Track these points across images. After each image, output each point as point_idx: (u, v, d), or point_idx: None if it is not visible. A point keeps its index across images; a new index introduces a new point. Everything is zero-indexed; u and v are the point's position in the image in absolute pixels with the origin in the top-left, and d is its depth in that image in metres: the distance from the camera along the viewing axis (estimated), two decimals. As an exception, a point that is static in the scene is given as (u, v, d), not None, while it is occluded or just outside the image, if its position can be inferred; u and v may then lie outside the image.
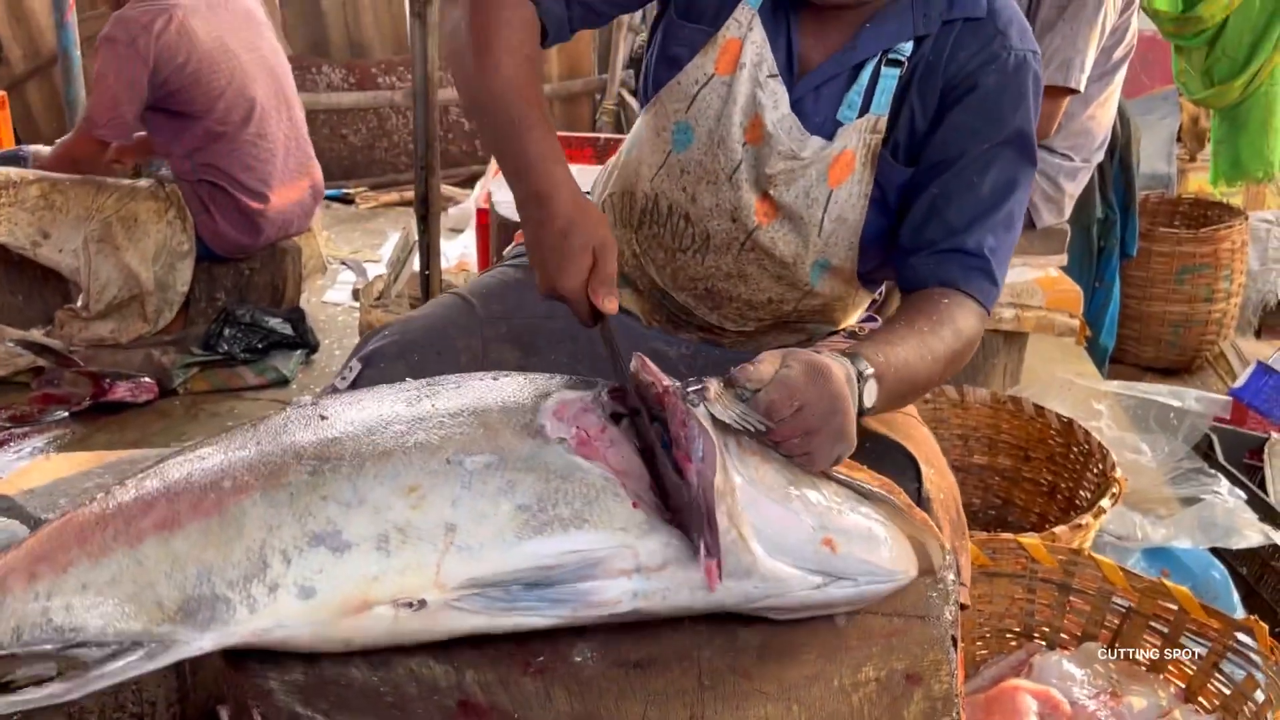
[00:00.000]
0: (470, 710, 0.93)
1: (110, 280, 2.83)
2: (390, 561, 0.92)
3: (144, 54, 2.69)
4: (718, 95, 1.33)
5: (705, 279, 1.42)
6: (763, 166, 1.33)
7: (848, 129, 1.30)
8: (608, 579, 0.95)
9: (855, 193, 1.33)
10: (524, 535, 0.94)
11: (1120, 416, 2.46)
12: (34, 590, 0.94)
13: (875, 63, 1.29)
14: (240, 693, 0.96)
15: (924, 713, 0.96)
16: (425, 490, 0.94)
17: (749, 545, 0.93)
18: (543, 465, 0.97)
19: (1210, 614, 1.56)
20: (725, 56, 1.32)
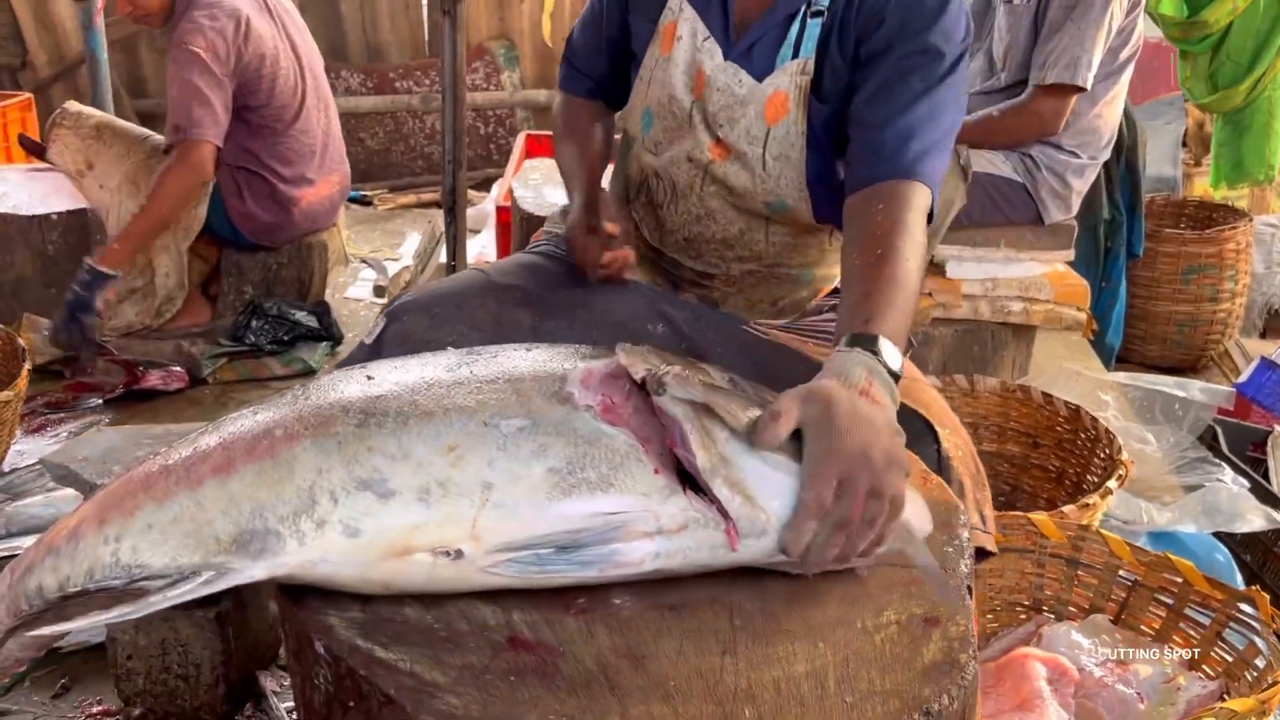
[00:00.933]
0: (519, 644, 1.00)
1: (125, 223, 2.90)
2: (430, 512, 0.98)
3: (224, 57, 2.75)
4: (663, 70, 1.53)
5: (682, 227, 1.58)
6: (708, 109, 1.50)
7: (779, 71, 1.45)
8: (631, 541, 1.00)
9: (792, 131, 1.46)
10: (554, 497, 0.99)
11: (1126, 408, 2.53)
12: (104, 534, 1.01)
13: (801, 14, 1.45)
14: (302, 628, 1.02)
15: (942, 650, 1.02)
16: (463, 450, 1.00)
17: (760, 505, 1.00)
18: (571, 430, 1.03)
19: (1213, 585, 1.62)
20: (665, 39, 1.53)
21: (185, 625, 1.63)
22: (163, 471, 1.05)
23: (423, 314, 1.48)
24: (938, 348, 2.56)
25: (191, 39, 2.75)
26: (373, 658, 0.97)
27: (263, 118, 2.91)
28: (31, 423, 2.60)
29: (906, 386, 1.44)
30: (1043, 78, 2.43)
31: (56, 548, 1.02)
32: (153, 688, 1.67)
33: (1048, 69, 2.41)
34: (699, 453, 0.99)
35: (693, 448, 1.00)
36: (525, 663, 0.98)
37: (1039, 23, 2.46)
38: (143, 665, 1.67)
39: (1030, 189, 2.56)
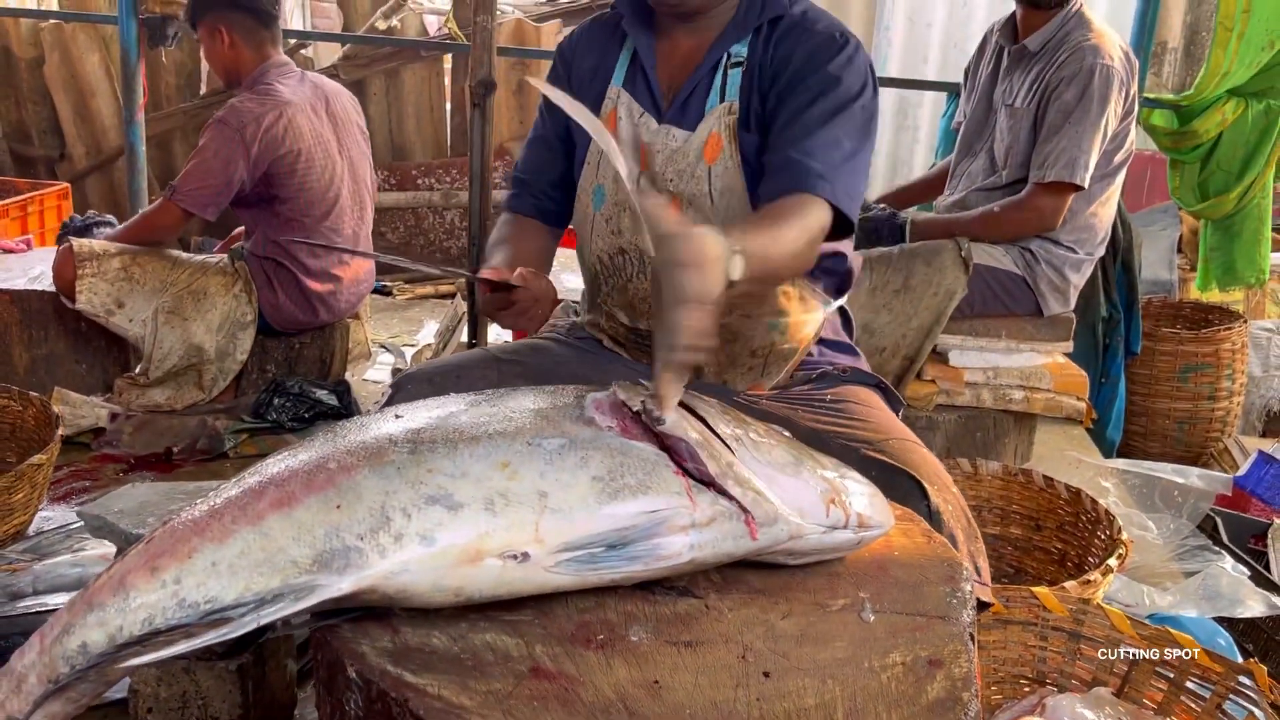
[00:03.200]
0: (541, 673, 1.05)
1: (172, 350, 3.01)
2: (497, 520, 1.05)
3: (249, 141, 2.90)
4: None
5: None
6: (655, 172, 1.66)
7: (709, 116, 1.64)
8: (671, 535, 1.10)
9: (730, 165, 1.62)
10: (602, 500, 1.09)
11: (1126, 495, 2.58)
12: (160, 579, 1.04)
13: (723, 67, 1.65)
14: (335, 656, 1.08)
15: (945, 690, 1.07)
16: (516, 465, 1.08)
17: (767, 498, 1.13)
18: (604, 445, 1.13)
19: (1213, 659, 1.66)
20: (609, 124, 1.70)
21: (207, 678, 1.67)
22: (213, 515, 1.10)
23: (425, 383, 1.63)
24: (941, 433, 2.63)
25: (228, 114, 2.94)
26: (403, 681, 1.02)
27: (292, 210, 3.04)
28: (58, 491, 2.66)
29: (898, 446, 1.53)
30: (1042, 176, 2.56)
31: (101, 603, 1.05)
32: (171, 741, 1.70)
33: (1047, 168, 2.54)
34: (708, 462, 1.11)
35: (702, 459, 1.11)
36: (547, 690, 1.03)
37: (1038, 125, 2.60)
38: (162, 719, 1.70)
39: (1030, 281, 2.66)
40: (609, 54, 1.75)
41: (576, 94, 1.72)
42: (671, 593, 1.19)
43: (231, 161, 2.91)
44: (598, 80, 1.75)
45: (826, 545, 1.22)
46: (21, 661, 1.10)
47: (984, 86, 2.83)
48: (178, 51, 5.08)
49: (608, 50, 1.76)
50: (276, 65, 3.07)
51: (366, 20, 5.40)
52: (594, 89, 1.74)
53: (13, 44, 5.46)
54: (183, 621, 1.04)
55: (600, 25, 1.80)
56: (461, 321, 2.80)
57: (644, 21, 1.70)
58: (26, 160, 5.58)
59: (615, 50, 1.74)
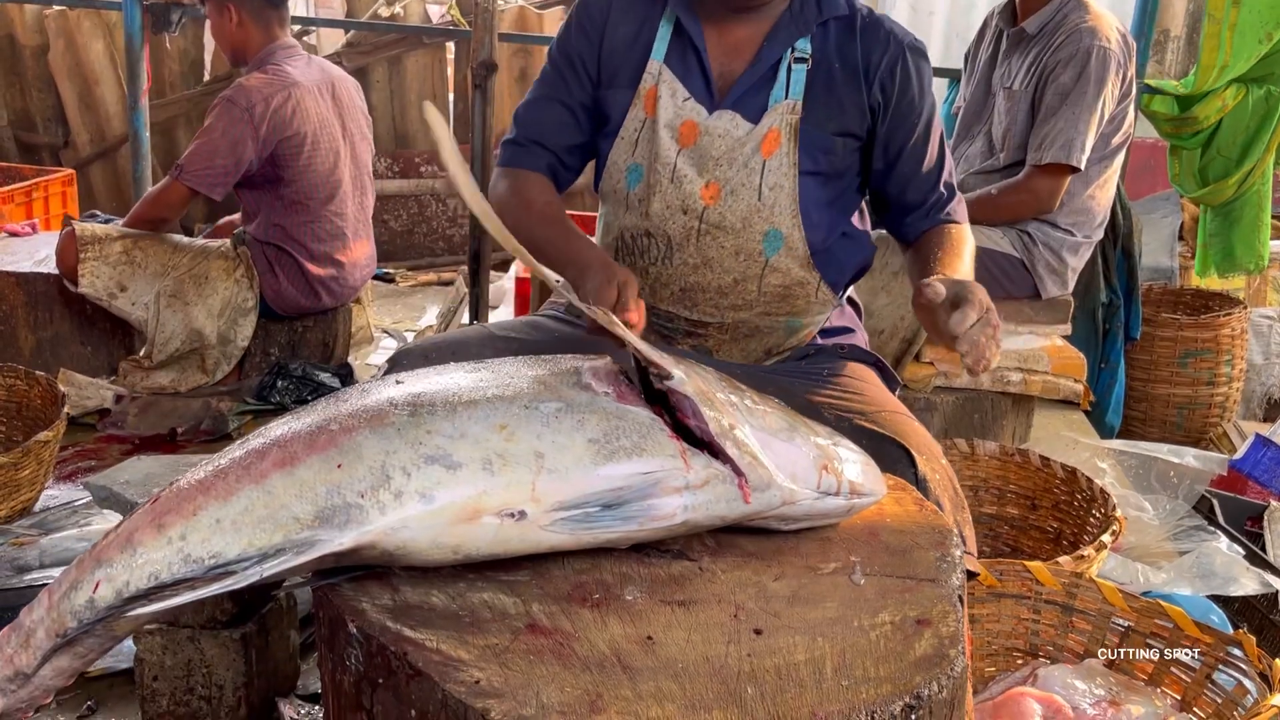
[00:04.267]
0: (537, 630, 1.07)
1: (175, 333, 3.03)
2: (494, 479, 1.08)
3: (257, 121, 2.91)
4: (650, 130, 1.68)
5: (678, 279, 1.70)
6: (705, 153, 1.66)
7: (771, 111, 1.65)
8: (665, 496, 1.12)
9: (785, 163, 1.65)
10: (598, 461, 1.11)
11: (1123, 476, 2.60)
12: (166, 536, 1.07)
13: (787, 62, 1.66)
14: (336, 613, 1.10)
15: (933, 646, 1.09)
16: (513, 428, 1.11)
17: (763, 463, 1.14)
18: (600, 409, 1.15)
19: (1203, 630, 1.68)
20: (648, 102, 1.69)
21: (211, 646, 1.70)
22: (218, 475, 1.13)
23: (421, 358, 1.63)
24: (939, 415, 2.65)
25: (236, 93, 2.94)
26: (402, 636, 1.05)
27: (296, 193, 3.06)
28: (64, 470, 2.69)
29: (889, 418, 1.56)
30: (1039, 158, 2.57)
31: (108, 559, 1.08)
32: (176, 709, 1.72)
33: (1044, 150, 2.56)
34: (710, 421, 1.13)
35: (704, 416, 1.13)
36: (543, 645, 1.05)
37: (1035, 107, 2.62)
38: (168, 686, 1.72)
39: (1027, 264, 2.68)
40: (649, 22, 1.70)
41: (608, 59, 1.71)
42: (666, 555, 1.21)
43: (240, 141, 2.92)
44: (636, 49, 1.69)
45: (818, 511, 1.24)
46: (30, 617, 1.12)
47: (983, 70, 2.84)
48: (181, 38, 5.10)
49: (648, 18, 1.70)
50: (284, 47, 3.09)
51: (370, 7, 5.41)
52: (632, 59, 1.69)
53: (17, 31, 5.48)
54: (187, 576, 1.07)
55: None
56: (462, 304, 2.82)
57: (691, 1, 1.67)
58: (31, 147, 5.61)
59: (655, 19, 1.69)
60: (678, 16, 1.67)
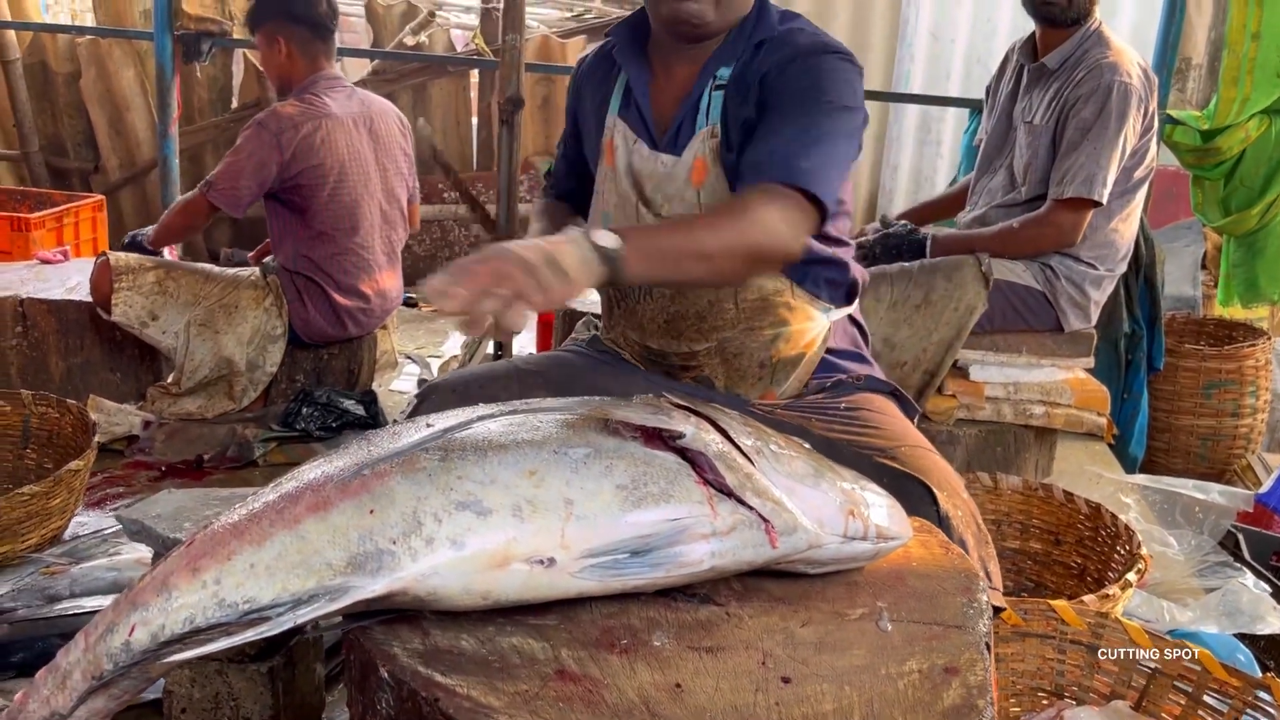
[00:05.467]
0: (566, 676, 1.08)
1: (204, 361, 3.07)
2: (524, 526, 1.09)
3: (284, 146, 2.97)
4: (610, 178, 1.75)
5: (660, 312, 1.74)
6: (648, 197, 1.71)
7: (693, 141, 1.68)
8: (692, 543, 1.13)
9: (717, 187, 1.65)
10: (626, 508, 1.12)
11: (1147, 511, 2.59)
12: (201, 580, 1.08)
13: (708, 90, 1.68)
14: (368, 657, 1.12)
15: (961, 696, 1.09)
16: (543, 473, 1.12)
17: (787, 507, 1.16)
18: (629, 454, 1.16)
19: (1230, 673, 1.67)
20: (608, 153, 1.77)
21: (239, 679, 1.71)
22: (251, 519, 1.14)
23: (450, 393, 1.68)
24: (961, 447, 2.65)
25: (268, 118, 3.02)
26: (433, 681, 1.06)
27: (321, 224, 3.10)
28: (92, 496, 2.72)
29: (909, 453, 1.56)
30: (1061, 192, 2.58)
31: (144, 603, 1.09)
32: (203, 741, 1.74)
33: (1065, 184, 2.56)
34: (726, 473, 1.15)
35: (720, 471, 1.15)
36: (573, 692, 1.06)
37: (1057, 142, 2.62)
38: (195, 719, 1.74)
39: (1050, 297, 2.68)
40: (608, 83, 1.80)
41: (585, 123, 1.86)
42: (693, 600, 1.22)
43: (265, 166, 2.99)
44: (601, 110, 1.80)
45: (845, 555, 1.25)
46: (67, 659, 1.14)
47: (1004, 104, 2.85)
48: (210, 66, 5.17)
49: (607, 80, 1.81)
50: (327, 78, 3.15)
51: (395, 36, 5.48)
52: (599, 119, 1.80)
53: (50, 59, 5.58)
54: (222, 620, 1.08)
55: (602, 57, 1.84)
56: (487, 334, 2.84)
57: (638, 50, 1.74)
58: (62, 173, 5.69)
59: (614, 79, 1.79)
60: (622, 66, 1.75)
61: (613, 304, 1.83)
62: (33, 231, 4.23)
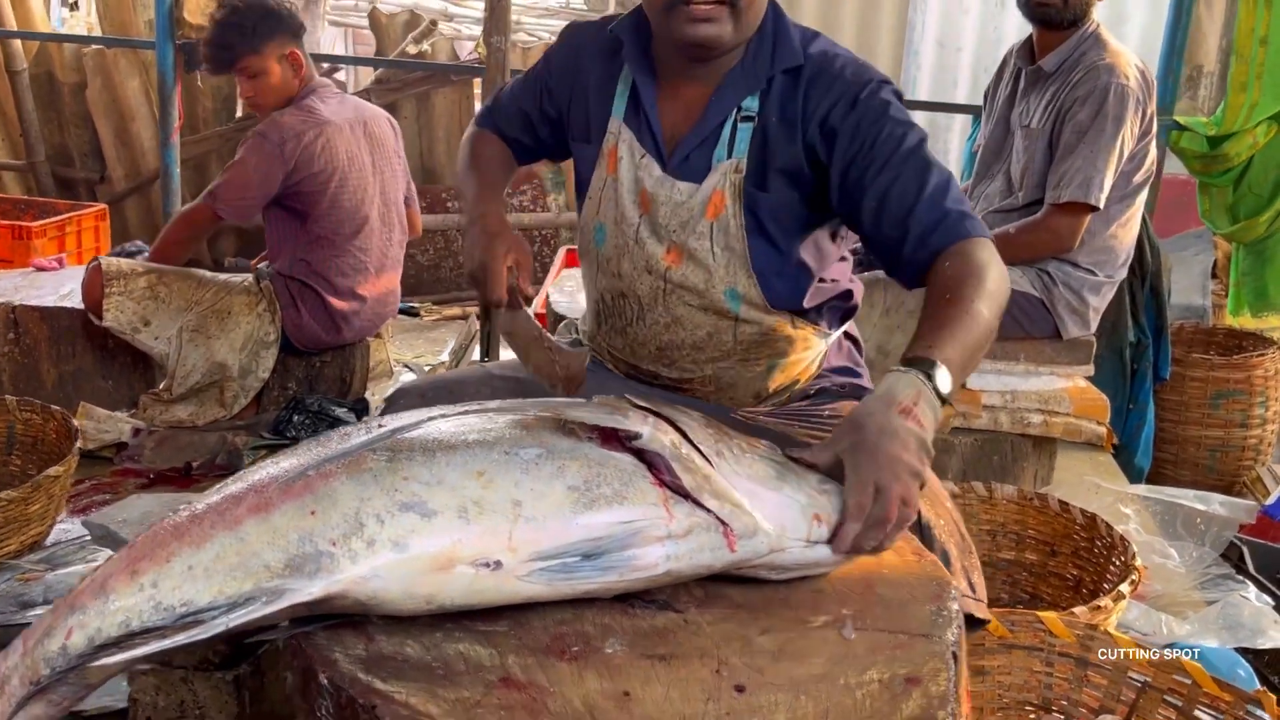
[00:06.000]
0: (510, 684, 1.04)
1: (195, 367, 3.05)
2: (470, 528, 1.06)
3: (288, 157, 2.95)
4: (612, 189, 1.66)
5: (653, 338, 1.67)
6: (657, 221, 1.62)
7: (714, 171, 1.58)
8: (647, 546, 1.10)
9: (732, 224, 1.58)
10: (577, 510, 1.09)
11: (1149, 521, 2.53)
12: (138, 583, 1.06)
13: (731, 120, 1.58)
14: (309, 663, 1.08)
15: (921, 707, 1.05)
16: (491, 474, 1.09)
17: (747, 511, 1.12)
18: (583, 455, 1.13)
19: (1222, 687, 1.61)
20: (610, 160, 1.67)
21: (204, 688, 1.68)
22: (193, 520, 1.12)
23: (418, 397, 1.64)
24: (957, 456, 2.60)
25: (269, 128, 2.98)
26: (372, 688, 1.02)
27: (322, 228, 3.08)
28: (78, 504, 2.70)
29: None
30: (1057, 196, 2.53)
31: (82, 606, 1.07)
32: (169, 750, 1.70)
33: (1062, 188, 2.51)
34: (684, 475, 1.11)
35: (678, 473, 1.11)
36: (516, 700, 1.02)
37: (1054, 145, 2.58)
38: (159, 726, 1.71)
39: (1047, 303, 2.63)
40: (612, 78, 1.68)
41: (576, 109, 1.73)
42: (651, 606, 1.18)
43: (270, 178, 2.97)
44: (601, 105, 1.69)
45: (809, 560, 1.21)
46: (5, 664, 1.11)
47: (1002, 108, 2.81)
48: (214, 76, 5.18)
49: (611, 73, 1.69)
50: (321, 85, 3.13)
51: (398, 45, 5.48)
52: (597, 114, 1.70)
53: (56, 69, 5.61)
54: (158, 625, 1.05)
55: (606, 46, 1.70)
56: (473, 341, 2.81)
57: (644, 56, 1.63)
58: (68, 182, 5.71)
59: (617, 75, 1.68)
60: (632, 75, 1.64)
61: (601, 318, 1.76)
62: (34, 240, 4.24)
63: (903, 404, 1.22)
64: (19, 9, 5.62)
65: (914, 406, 1.22)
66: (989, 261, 1.40)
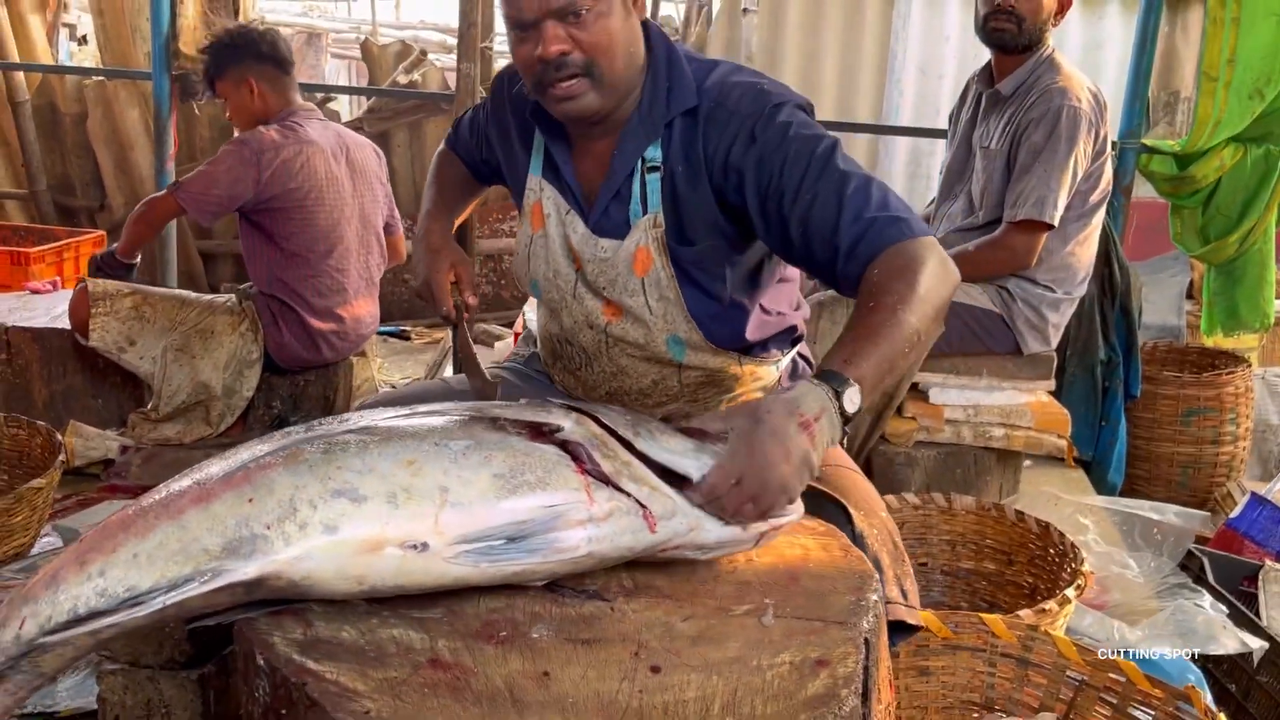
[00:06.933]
0: (438, 664, 1.10)
1: (181, 386, 3.13)
2: (398, 512, 1.12)
3: (263, 166, 3.03)
4: (540, 246, 1.66)
5: (602, 384, 1.70)
6: (589, 278, 1.62)
7: (634, 229, 1.57)
8: (569, 529, 1.16)
9: (662, 276, 1.57)
10: (502, 495, 1.16)
11: (1110, 532, 2.57)
12: (86, 572, 1.12)
13: (638, 173, 1.56)
14: (249, 646, 1.14)
15: (826, 685, 1.10)
16: (421, 463, 1.15)
17: (665, 492, 1.18)
18: (510, 446, 1.20)
19: (1154, 684, 1.66)
20: (534, 217, 1.66)
21: (170, 686, 1.73)
22: (139, 513, 1.18)
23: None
24: (920, 469, 2.65)
25: (251, 138, 3.08)
26: (304, 668, 1.08)
27: (296, 245, 3.15)
28: (63, 519, 2.76)
29: (828, 473, 1.56)
30: (1014, 214, 2.60)
31: (34, 597, 1.13)
32: (136, 749, 1.76)
33: (1018, 207, 2.58)
34: (603, 462, 1.19)
35: (598, 460, 1.19)
36: (440, 679, 1.08)
37: (1011, 165, 2.65)
38: (125, 725, 1.76)
39: (1007, 319, 2.69)
40: (527, 134, 1.67)
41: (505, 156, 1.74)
42: (580, 595, 1.24)
43: (240, 181, 3.03)
44: (522, 160, 1.68)
45: (728, 538, 1.25)
46: (-35, 650, 1.17)
47: (964, 131, 2.89)
48: (211, 105, 5.29)
49: (525, 128, 1.67)
50: (302, 109, 3.22)
51: (389, 75, 5.60)
52: (519, 169, 1.69)
53: (58, 100, 5.73)
54: (103, 609, 1.11)
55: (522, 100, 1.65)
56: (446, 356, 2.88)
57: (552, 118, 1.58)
58: (69, 211, 5.83)
59: (531, 133, 1.66)
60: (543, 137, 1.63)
61: (553, 357, 1.77)
62: (32, 265, 4.33)
63: (804, 417, 1.21)
64: (22, 42, 5.76)
65: (814, 423, 1.21)
66: (920, 259, 1.34)
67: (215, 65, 3.21)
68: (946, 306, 1.37)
